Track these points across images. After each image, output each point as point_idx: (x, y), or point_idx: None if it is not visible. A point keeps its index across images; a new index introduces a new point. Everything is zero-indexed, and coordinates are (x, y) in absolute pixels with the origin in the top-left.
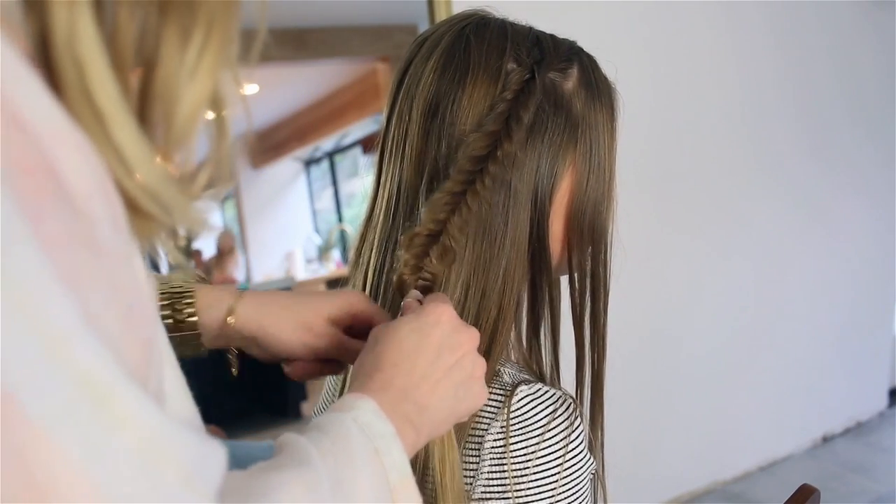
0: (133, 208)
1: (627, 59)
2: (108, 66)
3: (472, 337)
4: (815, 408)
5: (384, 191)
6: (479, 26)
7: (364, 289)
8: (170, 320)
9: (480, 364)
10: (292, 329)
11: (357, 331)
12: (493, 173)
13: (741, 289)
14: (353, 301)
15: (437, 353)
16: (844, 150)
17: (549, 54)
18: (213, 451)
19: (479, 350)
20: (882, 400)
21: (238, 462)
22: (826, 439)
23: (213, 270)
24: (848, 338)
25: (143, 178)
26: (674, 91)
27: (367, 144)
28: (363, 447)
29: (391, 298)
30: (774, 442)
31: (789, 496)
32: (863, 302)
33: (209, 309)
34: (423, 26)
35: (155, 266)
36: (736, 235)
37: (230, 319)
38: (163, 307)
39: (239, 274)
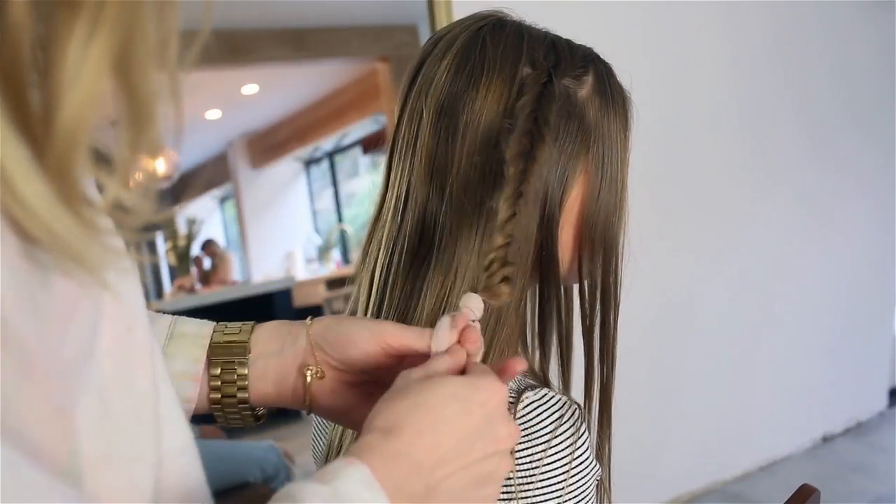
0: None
1: (624, 60)
2: None
3: (511, 435)
4: (815, 408)
5: (393, 189)
6: (496, 28)
7: (370, 287)
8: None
9: (507, 465)
10: (363, 328)
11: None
12: (536, 172)
13: (741, 290)
14: None
15: (471, 439)
16: (844, 150)
17: (565, 60)
18: None
19: None
20: (882, 400)
21: (238, 462)
22: (826, 439)
23: (210, 277)
24: (848, 338)
25: (29, 205)
26: (672, 92)
27: (367, 144)
28: None
29: (397, 298)
30: (774, 442)
31: (789, 496)
32: (863, 302)
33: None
34: (423, 26)
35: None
36: (736, 237)
37: (308, 322)
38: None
39: (237, 274)
